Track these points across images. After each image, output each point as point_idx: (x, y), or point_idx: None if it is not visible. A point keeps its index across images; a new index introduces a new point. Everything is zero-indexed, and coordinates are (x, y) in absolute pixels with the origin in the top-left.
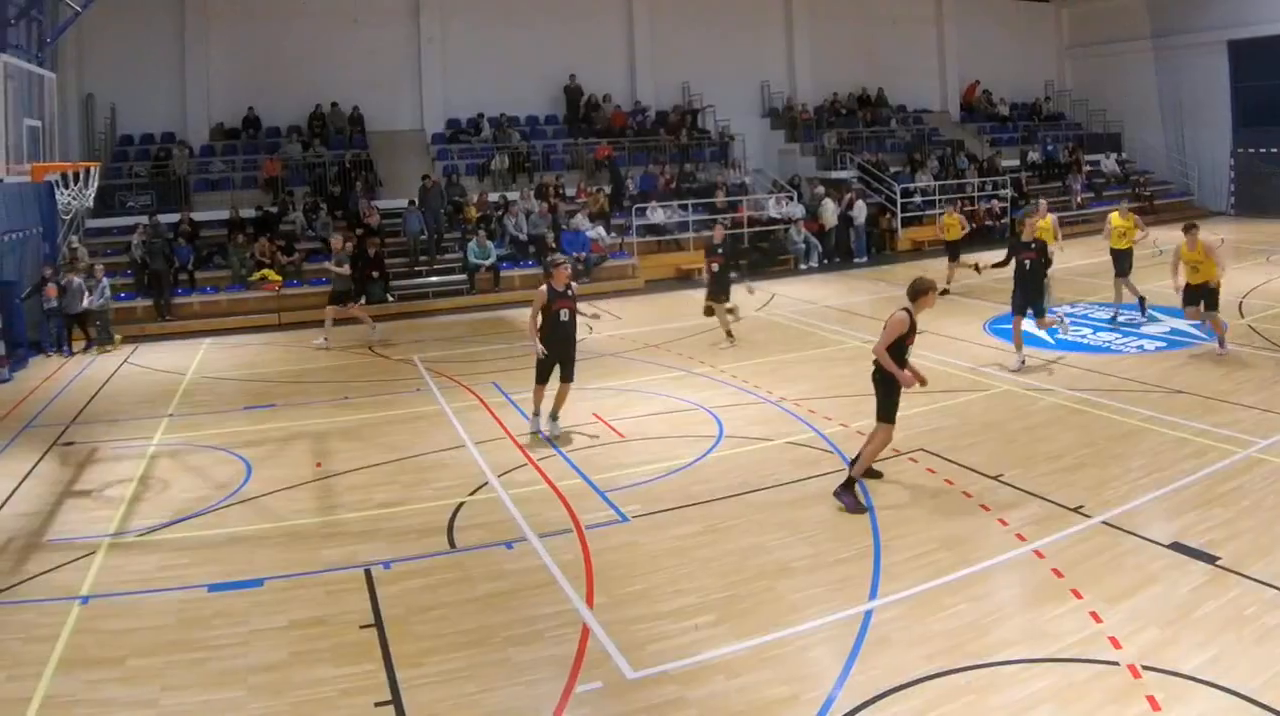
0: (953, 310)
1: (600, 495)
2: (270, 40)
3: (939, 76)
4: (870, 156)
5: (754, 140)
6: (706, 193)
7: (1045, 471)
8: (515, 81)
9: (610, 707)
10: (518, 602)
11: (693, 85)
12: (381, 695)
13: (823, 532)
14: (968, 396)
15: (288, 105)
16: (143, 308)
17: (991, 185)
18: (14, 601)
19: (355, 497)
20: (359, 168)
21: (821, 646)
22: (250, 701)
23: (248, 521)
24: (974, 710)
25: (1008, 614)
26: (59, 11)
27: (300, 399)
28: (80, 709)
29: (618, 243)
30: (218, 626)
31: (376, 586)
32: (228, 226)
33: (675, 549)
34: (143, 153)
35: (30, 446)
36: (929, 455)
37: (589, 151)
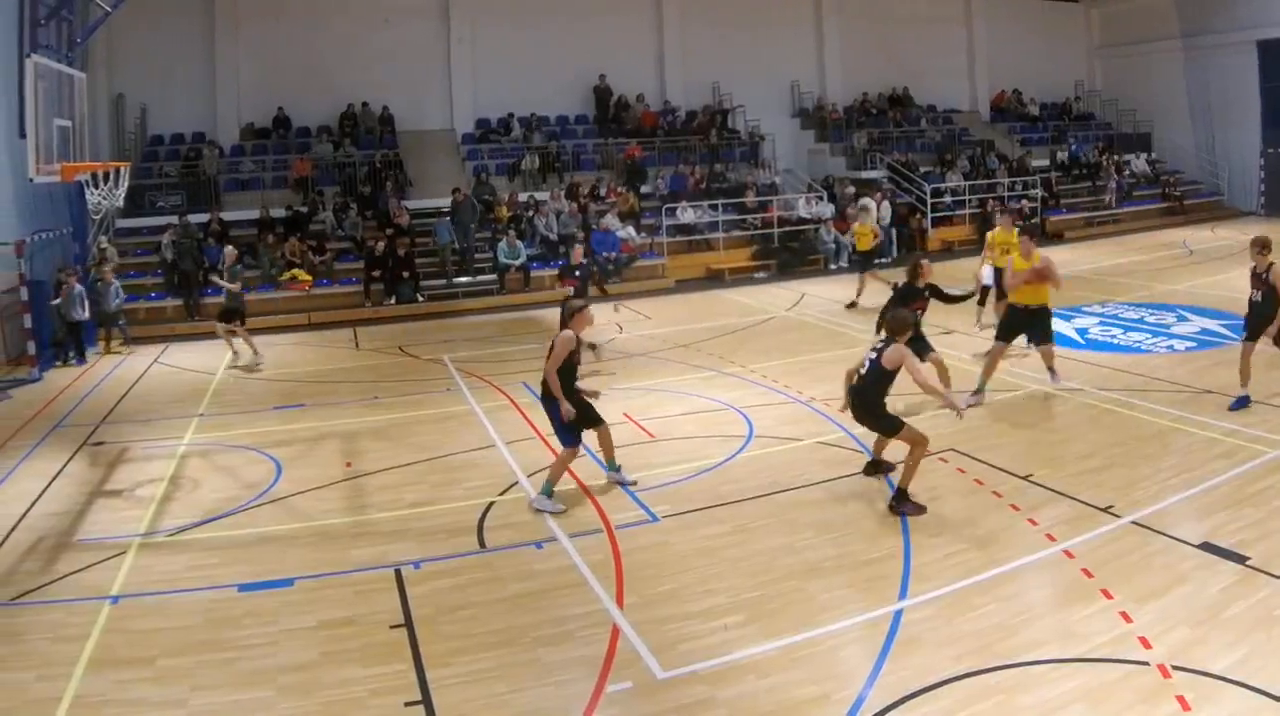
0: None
1: (630, 495)
2: (300, 40)
3: (968, 76)
4: (900, 156)
5: (784, 140)
6: (736, 193)
7: (1075, 471)
8: (545, 81)
9: (640, 707)
10: (548, 602)
11: (722, 85)
12: (411, 695)
13: (852, 533)
14: (997, 396)
15: (318, 105)
16: (172, 307)
17: (1021, 185)
18: (44, 601)
19: (385, 497)
20: (389, 167)
21: (851, 646)
22: (280, 701)
23: (278, 521)
24: (1004, 710)
25: (1037, 614)
26: (89, 12)
27: (330, 399)
28: (110, 708)
29: (647, 243)
30: (247, 626)
31: (406, 586)
32: (258, 226)
33: (705, 549)
34: (173, 153)
35: (60, 446)
36: (959, 455)
37: (619, 151)
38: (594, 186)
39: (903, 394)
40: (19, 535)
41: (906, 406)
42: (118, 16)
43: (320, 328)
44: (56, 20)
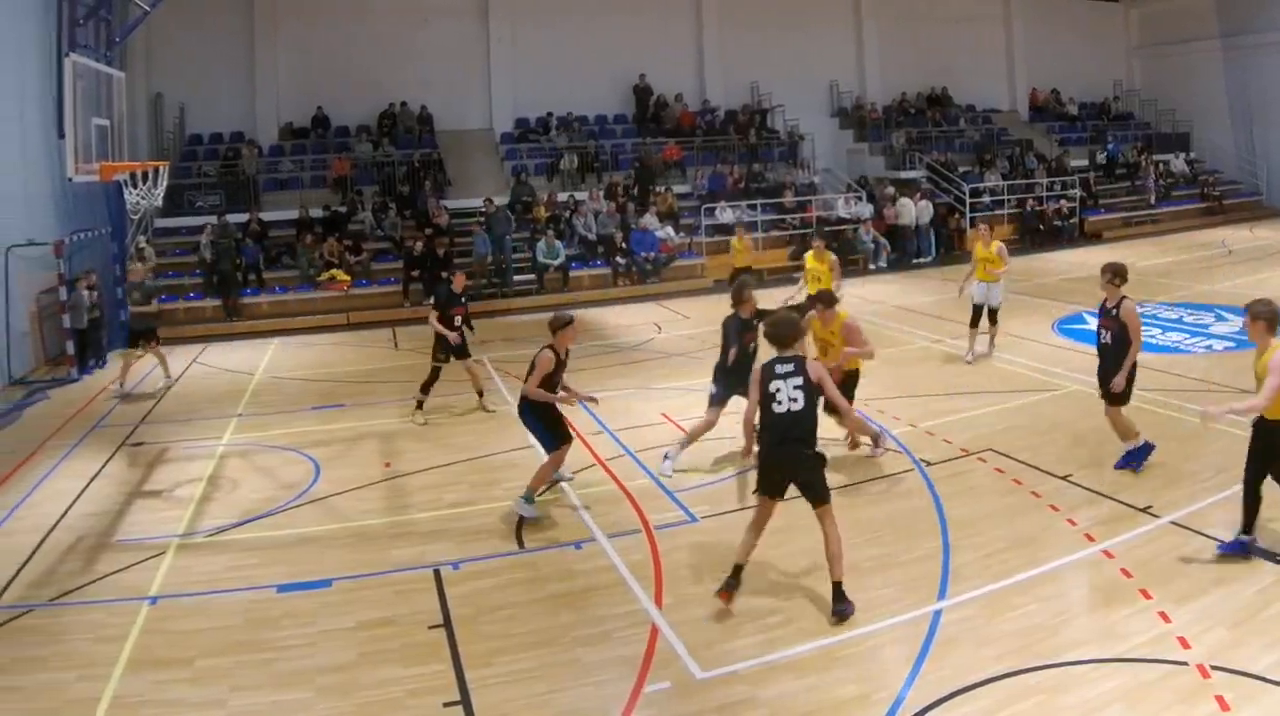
0: (1022, 310)
1: (669, 495)
2: (339, 40)
3: (1007, 76)
4: (939, 156)
5: (823, 140)
6: (775, 192)
7: (1114, 471)
8: (584, 81)
9: (679, 707)
10: (587, 603)
11: (761, 85)
12: (450, 695)
13: (891, 533)
14: (1036, 396)
15: (357, 105)
16: (211, 307)
17: (1060, 185)
18: (83, 601)
19: (424, 498)
20: (428, 167)
21: (891, 646)
22: (318, 702)
23: (316, 522)
24: (1043, 710)
25: (1076, 614)
26: (128, 11)
27: (369, 399)
28: (149, 709)
29: (686, 242)
30: (286, 627)
31: (445, 586)
32: (296, 226)
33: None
34: (211, 152)
35: (99, 446)
36: (998, 455)
37: (657, 151)
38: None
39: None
40: (58, 535)
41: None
42: (156, 15)
43: (359, 328)
44: (95, 19)
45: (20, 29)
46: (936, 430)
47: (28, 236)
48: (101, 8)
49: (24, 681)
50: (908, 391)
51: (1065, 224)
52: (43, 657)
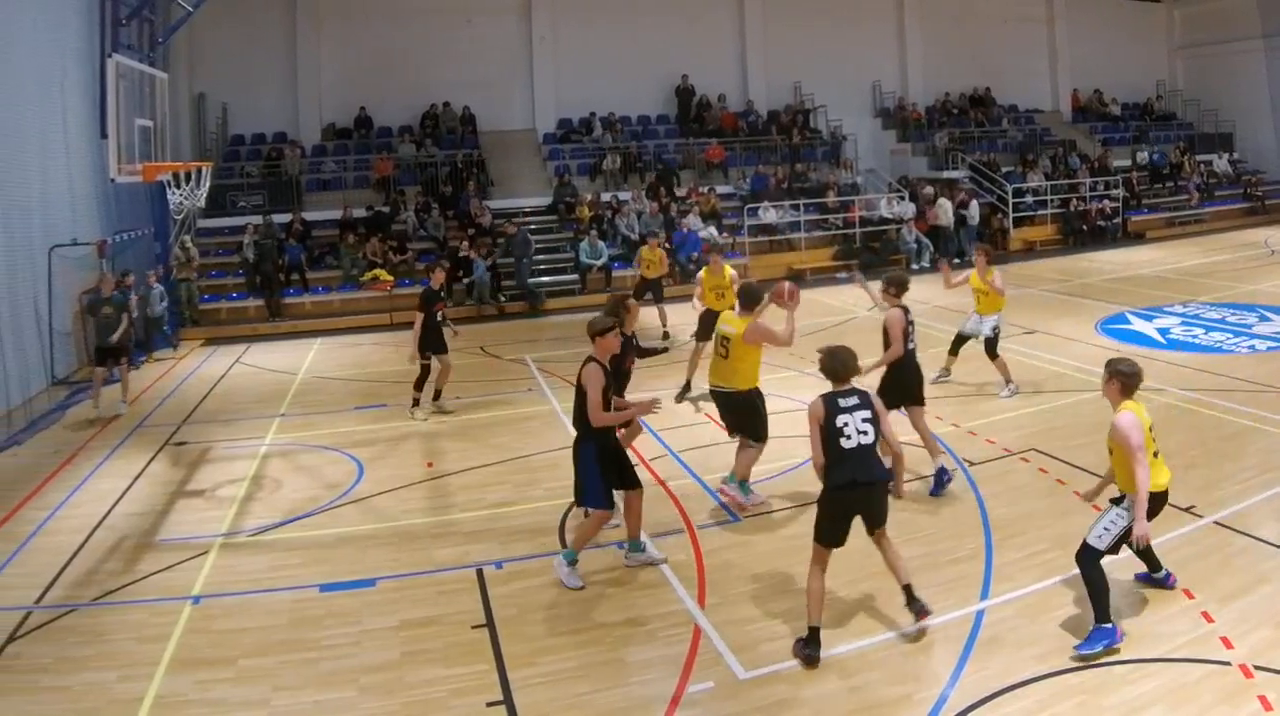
0: (1066, 310)
1: (712, 495)
2: (382, 40)
3: (1050, 76)
4: (982, 156)
5: (865, 140)
6: (818, 193)
7: None
8: (627, 81)
9: (722, 708)
10: (630, 603)
11: (804, 85)
12: (493, 695)
13: (935, 532)
14: (1079, 396)
15: (399, 105)
16: (254, 307)
17: (1103, 185)
18: (126, 601)
19: (467, 497)
20: (471, 167)
21: (933, 646)
22: (362, 701)
23: (359, 521)
24: (1086, 710)
25: (1119, 614)
26: (171, 11)
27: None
28: (192, 709)
29: (729, 242)
30: (329, 626)
31: (488, 586)
32: (339, 226)
33: (787, 549)
34: (254, 152)
35: (142, 446)
36: (1041, 455)
37: (700, 151)
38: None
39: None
40: (101, 535)
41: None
42: (199, 16)
43: (402, 328)
44: (138, 20)
45: (63, 30)
46: (979, 430)
47: (71, 236)
48: (144, 8)
49: (67, 681)
50: (951, 392)
51: (1108, 224)
52: (85, 657)
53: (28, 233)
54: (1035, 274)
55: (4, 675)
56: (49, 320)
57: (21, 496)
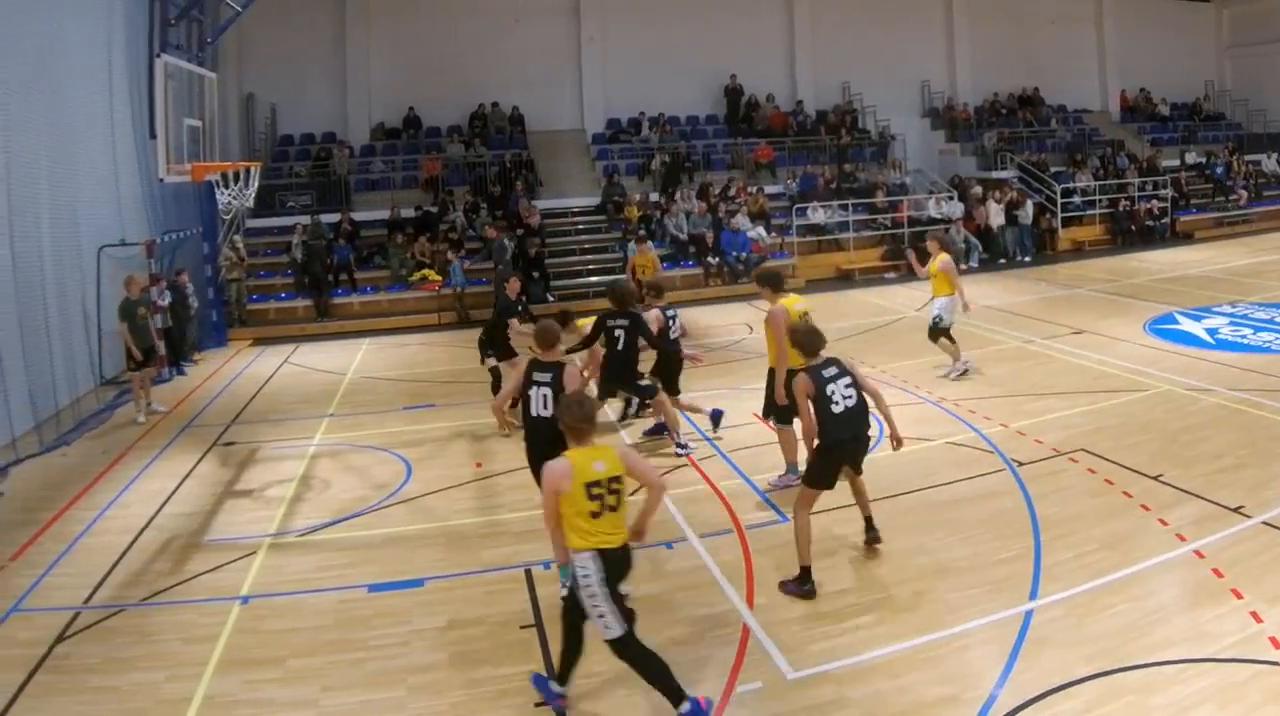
0: (1114, 310)
1: (760, 495)
2: (431, 40)
3: (1099, 76)
4: (1031, 156)
5: (914, 140)
6: (866, 193)
7: (1205, 471)
8: (675, 81)
9: (771, 707)
10: (678, 603)
11: (852, 85)
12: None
13: (983, 533)
14: (1128, 396)
15: (448, 105)
16: (302, 307)
17: (1151, 185)
18: (175, 601)
19: (515, 497)
20: (519, 167)
21: (982, 647)
22: (411, 701)
23: (408, 522)
24: (1134, 710)
25: (1168, 614)
26: (219, 11)
27: (460, 399)
28: (240, 709)
29: (778, 243)
30: (378, 626)
31: (537, 586)
32: (387, 226)
33: (835, 549)
34: (303, 152)
35: (191, 446)
36: (1089, 455)
37: (749, 151)
38: (725, 187)
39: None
40: (150, 535)
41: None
42: (248, 16)
43: (450, 328)
44: (187, 20)
45: (111, 30)
46: (1028, 430)
47: (119, 237)
48: (193, 8)
49: (115, 681)
50: (999, 391)
51: (1157, 224)
52: (133, 658)
53: (75, 233)
54: (1083, 274)
55: (53, 675)
56: (97, 321)
57: (70, 496)
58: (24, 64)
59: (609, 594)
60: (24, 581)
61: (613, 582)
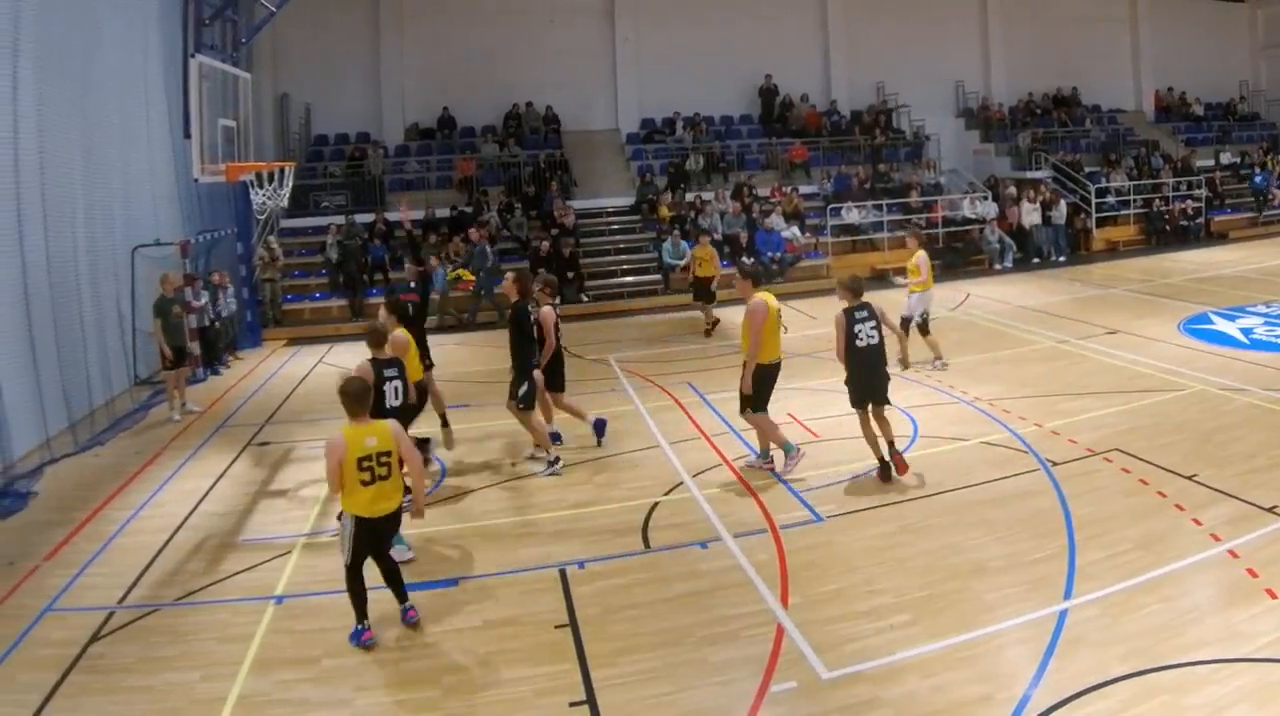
0: (1148, 310)
1: (794, 495)
2: (465, 40)
3: (1133, 76)
4: (1065, 156)
5: (948, 140)
6: (901, 193)
7: (1239, 471)
8: (709, 81)
9: (805, 708)
10: (712, 602)
11: (887, 85)
12: (576, 695)
13: (1017, 532)
14: (1162, 396)
15: (482, 105)
16: (337, 307)
17: (1186, 185)
18: (209, 601)
19: (549, 498)
20: (554, 168)
21: (1016, 646)
22: (445, 701)
23: (442, 521)
24: (1169, 710)
25: (1202, 614)
26: (254, 12)
27: (494, 399)
28: (274, 708)
29: (812, 243)
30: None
31: (571, 586)
32: (422, 226)
33: (870, 549)
34: (337, 153)
35: (225, 446)
36: (1124, 455)
37: (783, 151)
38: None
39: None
40: (184, 535)
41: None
42: (283, 16)
43: (485, 328)
44: (221, 20)
45: (146, 30)
46: (1062, 430)
47: (154, 237)
48: (227, 8)
49: (150, 681)
50: (1033, 391)
51: (1191, 224)
52: (168, 657)
53: (110, 233)
54: (1118, 274)
55: (88, 675)
56: (132, 321)
57: (105, 496)
58: (59, 64)
59: (352, 542)
60: (58, 581)
61: (368, 540)
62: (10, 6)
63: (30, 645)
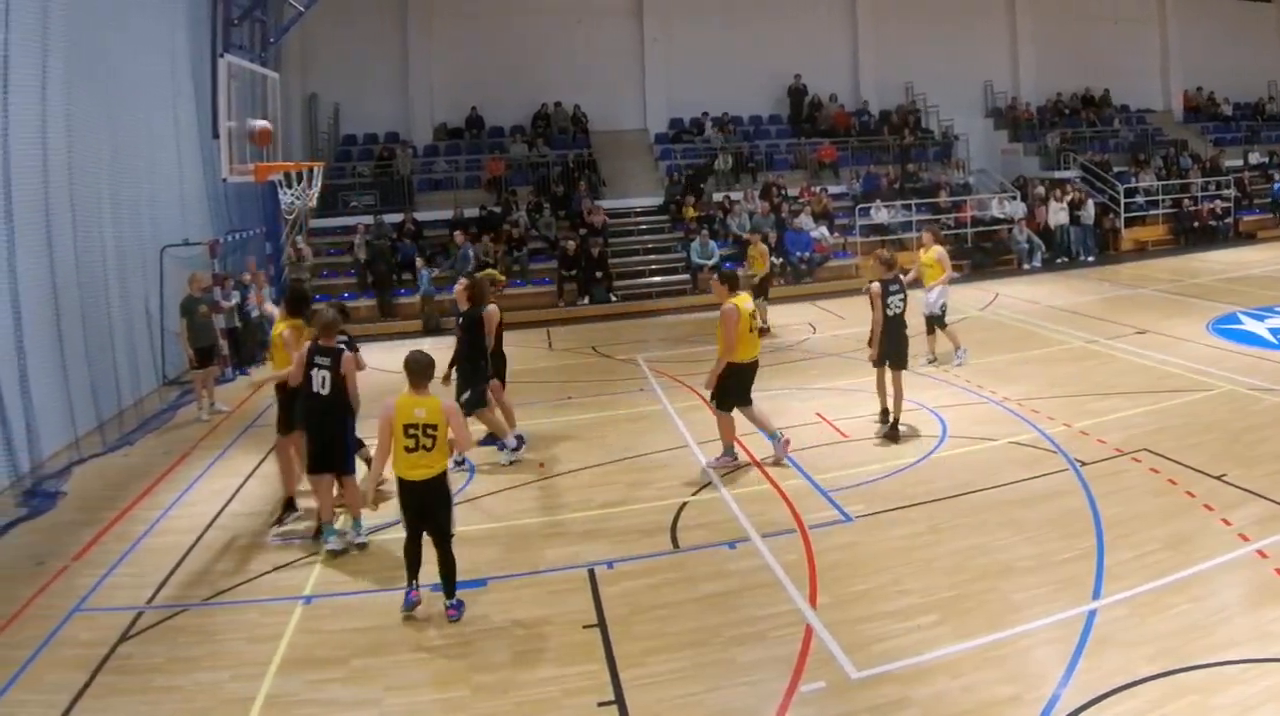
0: (1177, 310)
1: (823, 495)
2: (493, 40)
3: (1161, 76)
4: (1094, 156)
5: (977, 140)
6: (929, 193)
7: (1268, 471)
8: (738, 81)
9: (834, 708)
10: (741, 602)
11: (916, 85)
12: (604, 695)
13: (1046, 533)
14: (1190, 396)
15: (511, 105)
16: (365, 307)
17: (1214, 185)
18: (237, 601)
19: (577, 498)
20: (582, 167)
21: (1045, 646)
22: (474, 701)
23: (471, 522)
24: (1197, 710)
25: (1230, 614)
26: (282, 12)
27: (522, 399)
28: (303, 708)
29: (840, 243)
30: (441, 626)
31: (599, 586)
32: (450, 226)
33: (898, 549)
34: (366, 152)
35: (254, 446)
36: (1152, 455)
37: (812, 151)
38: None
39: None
40: (212, 534)
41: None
42: (311, 16)
43: (513, 328)
44: (249, 20)
45: (174, 30)
46: (1091, 430)
47: (182, 237)
48: (256, 9)
49: (179, 681)
50: (1062, 391)
51: (1220, 224)
52: (197, 657)
53: (139, 233)
54: (1147, 274)
55: (116, 675)
56: (160, 320)
57: (133, 496)
58: (87, 64)
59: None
60: (87, 581)
61: (409, 503)
62: (39, 6)
63: (59, 645)
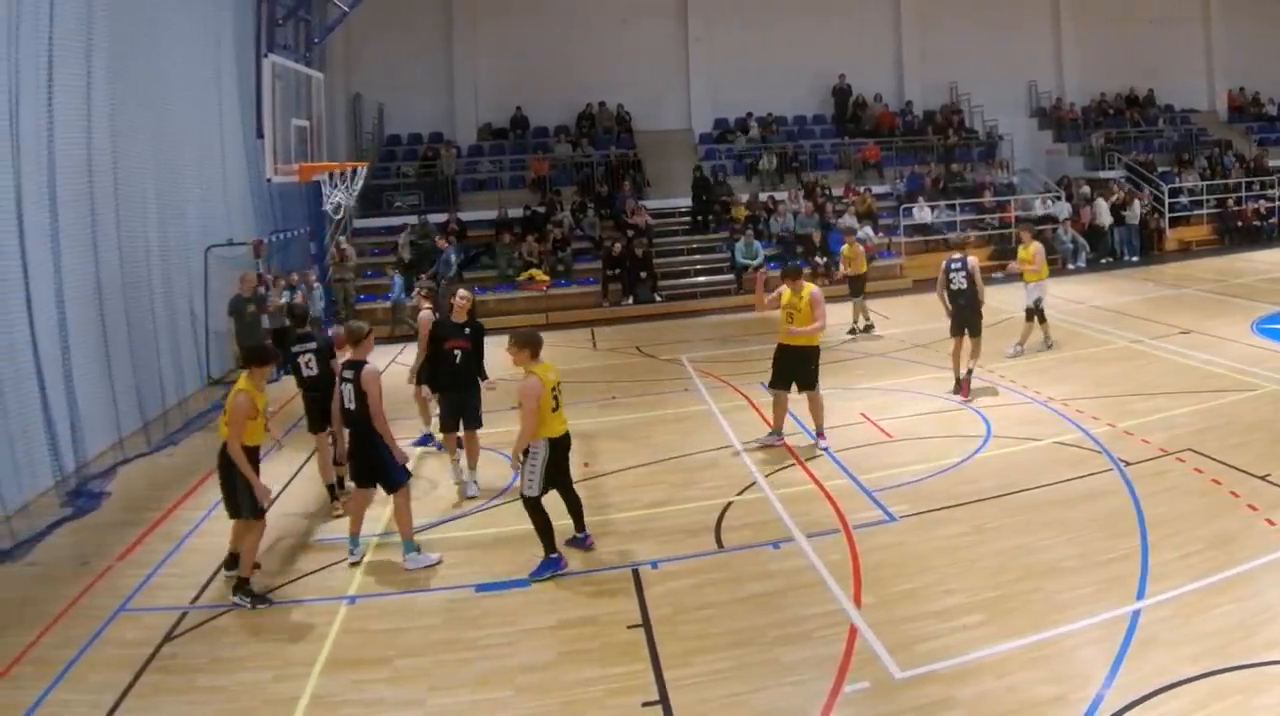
0: (1221, 310)
1: (868, 495)
2: (538, 40)
3: (1205, 76)
4: (1138, 156)
5: (1021, 140)
6: (973, 193)
7: None
8: (782, 81)
9: (878, 707)
10: (785, 602)
11: (960, 85)
12: (649, 695)
13: (1090, 533)
14: (1235, 396)
15: (555, 105)
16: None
17: (1259, 185)
18: (282, 601)
19: (622, 498)
20: (626, 167)
21: (1089, 646)
22: (518, 701)
23: (515, 522)
24: (1241, 711)
25: (1275, 614)
26: (327, 12)
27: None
28: (347, 708)
29: (885, 242)
30: (485, 626)
31: (644, 586)
32: (494, 226)
33: (943, 549)
34: (410, 153)
35: (298, 447)
36: (1196, 455)
37: (856, 151)
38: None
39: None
40: None
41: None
42: (356, 16)
43: (558, 327)
44: (294, 20)
45: (219, 30)
46: (1135, 430)
47: (227, 237)
48: (300, 9)
49: (223, 681)
50: (1106, 391)
51: (1264, 224)
52: (241, 657)
53: (183, 233)
54: (1191, 274)
55: (160, 675)
56: (204, 321)
57: (177, 496)
58: (131, 64)
59: (544, 467)
60: (131, 581)
61: (555, 461)
62: (83, 7)
63: (104, 644)
